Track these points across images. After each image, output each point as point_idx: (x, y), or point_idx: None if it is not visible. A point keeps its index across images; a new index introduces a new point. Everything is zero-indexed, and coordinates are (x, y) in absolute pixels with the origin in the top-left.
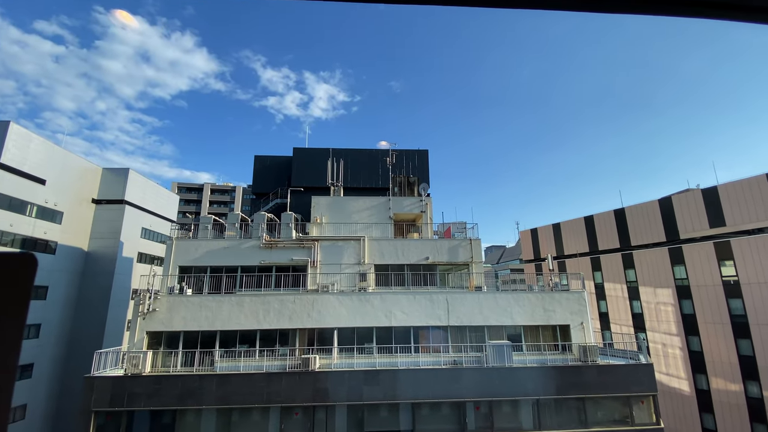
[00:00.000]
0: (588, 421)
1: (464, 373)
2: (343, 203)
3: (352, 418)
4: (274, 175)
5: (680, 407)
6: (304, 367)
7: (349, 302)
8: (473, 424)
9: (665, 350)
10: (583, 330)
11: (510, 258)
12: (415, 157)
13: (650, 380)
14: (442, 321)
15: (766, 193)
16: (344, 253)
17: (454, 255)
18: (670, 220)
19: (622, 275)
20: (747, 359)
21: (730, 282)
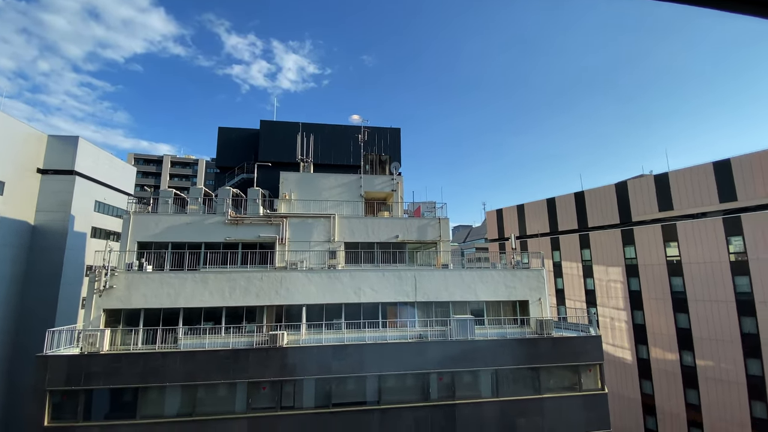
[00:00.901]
0: (541, 388)
1: (429, 347)
2: (313, 180)
3: (320, 391)
4: (240, 148)
5: (623, 374)
6: (272, 344)
7: (318, 279)
8: (436, 394)
9: (612, 323)
10: (540, 305)
11: (476, 237)
12: (387, 135)
13: (598, 350)
14: (410, 297)
15: (711, 181)
16: (314, 230)
17: (423, 234)
18: (624, 203)
19: (579, 254)
20: (683, 331)
21: (673, 261)
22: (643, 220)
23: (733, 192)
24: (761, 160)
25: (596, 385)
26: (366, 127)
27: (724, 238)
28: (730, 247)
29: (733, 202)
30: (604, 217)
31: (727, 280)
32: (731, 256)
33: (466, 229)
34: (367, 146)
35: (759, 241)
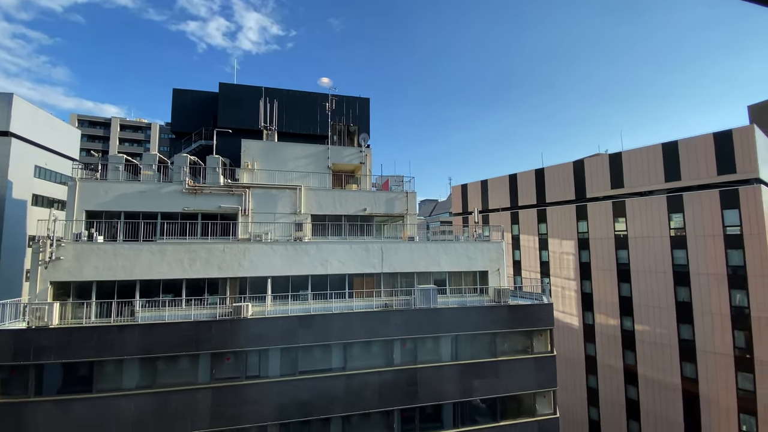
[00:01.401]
0: (497, 352)
1: (393, 315)
2: (277, 149)
3: (286, 359)
4: (197, 113)
5: (570, 338)
6: (236, 315)
7: (283, 251)
8: (399, 359)
9: (563, 292)
10: (499, 275)
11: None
12: (356, 105)
13: (549, 317)
14: (377, 268)
15: (659, 161)
16: (278, 202)
17: (390, 207)
18: (580, 180)
19: (536, 228)
20: (625, 299)
21: (621, 236)
22: (596, 196)
23: (677, 172)
24: (705, 143)
25: (546, 348)
26: (334, 96)
27: (666, 214)
28: (672, 223)
29: (677, 182)
30: (561, 193)
31: (666, 253)
32: (671, 232)
33: (432, 203)
34: (334, 116)
35: (697, 218)
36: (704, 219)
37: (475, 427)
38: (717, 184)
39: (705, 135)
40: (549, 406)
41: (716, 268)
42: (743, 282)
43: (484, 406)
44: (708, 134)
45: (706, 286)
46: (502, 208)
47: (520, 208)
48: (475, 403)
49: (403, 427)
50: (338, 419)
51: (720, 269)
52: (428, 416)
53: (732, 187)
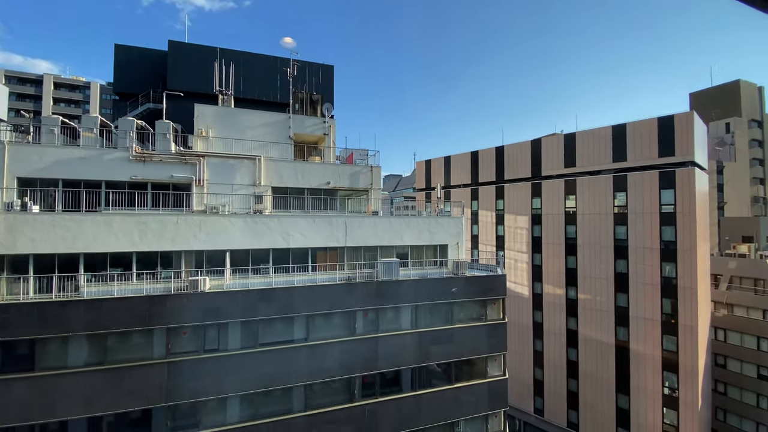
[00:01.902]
0: (453, 320)
1: (356, 287)
2: (234, 116)
3: (246, 333)
4: (144, 73)
5: (520, 306)
6: (193, 289)
7: (242, 224)
8: (362, 329)
9: (516, 264)
10: (458, 248)
11: (405, 186)
12: (320, 72)
13: (502, 287)
14: (340, 242)
15: (608, 142)
16: (236, 172)
17: (355, 181)
18: (536, 159)
19: (494, 204)
20: (571, 271)
21: (570, 212)
22: (550, 174)
23: (624, 153)
24: (649, 127)
25: (498, 315)
26: (296, 61)
27: (611, 193)
28: (616, 201)
29: (623, 162)
30: (519, 171)
31: (609, 228)
32: (615, 209)
33: (396, 178)
34: (296, 83)
35: (638, 196)
36: (644, 198)
37: (432, 390)
38: (657, 165)
39: (650, 119)
40: (499, 369)
41: (651, 242)
42: (673, 255)
43: (440, 370)
44: (653, 118)
45: (641, 259)
46: (464, 185)
47: (480, 185)
48: (432, 367)
49: (363, 392)
50: (300, 388)
51: (654, 244)
52: (388, 381)
53: (670, 168)
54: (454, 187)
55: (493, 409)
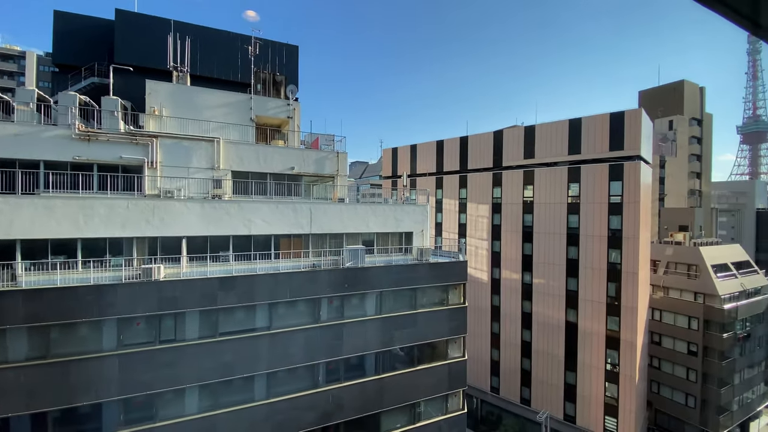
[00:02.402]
0: (417, 305)
1: (321, 275)
2: (190, 94)
3: (205, 322)
4: (88, 43)
5: (480, 291)
6: (146, 278)
7: (200, 210)
8: (326, 316)
9: (477, 251)
10: (422, 236)
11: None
12: (284, 52)
13: (464, 273)
14: (305, 229)
15: (564, 135)
16: (193, 154)
17: (320, 167)
18: (498, 149)
19: (457, 193)
20: (527, 257)
21: (528, 202)
22: (510, 165)
23: (579, 146)
24: (602, 122)
25: (459, 300)
26: (258, 39)
27: (566, 184)
28: (569, 191)
29: (578, 155)
30: (482, 161)
31: (563, 217)
32: (569, 199)
33: (363, 165)
34: (258, 62)
35: (589, 187)
36: (595, 189)
37: (395, 373)
38: (608, 158)
39: (603, 114)
40: (459, 350)
41: (599, 230)
42: (618, 243)
43: (403, 354)
44: (605, 114)
45: (590, 246)
46: (429, 173)
47: (445, 174)
48: (396, 351)
49: (327, 378)
50: (263, 376)
51: (602, 232)
52: (352, 366)
53: (618, 162)
54: (419, 176)
55: (453, 389)
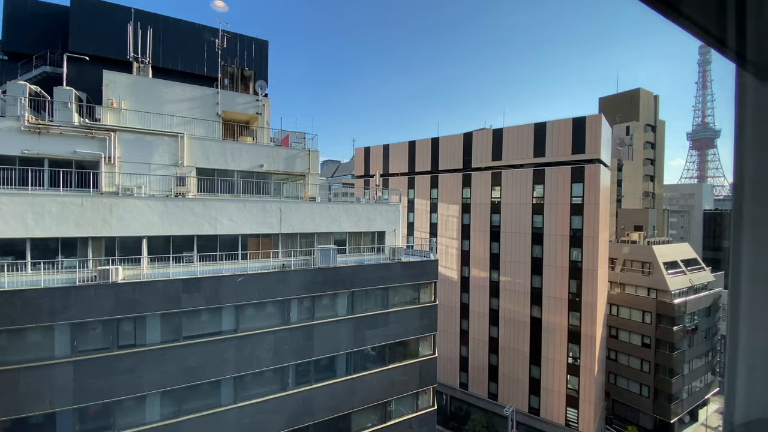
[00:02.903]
0: (389, 304)
1: (291, 275)
2: (153, 87)
3: (167, 326)
4: (40, 30)
5: (449, 289)
6: (103, 280)
7: (162, 208)
8: (296, 317)
9: (447, 250)
10: (395, 235)
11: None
12: (253, 47)
13: (435, 271)
14: (274, 229)
15: (530, 138)
16: (155, 150)
17: (291, 165)
18: (468, 151)
19: (429, 193)
20: (494, 256)
21: (495, 202)
22: (479, 166)
23: (543, 149)
24: (565, 126)
25: (430, 298)
26: (226, 32)
27: (531, 185)
28: (534, 192)
29: (542, 158)
30: (452, 162)
31: (528, 217)
32: (534, 200)
33: (335, 164)
34: (226, 56)
35: (553, 189)
36: (558, 190)
37: (366, 373)
38: (570, 161)
39: (566, 119)
40: (429, 348)
41: (562, 230)
42: (579, 242)
43: (375, 353)
44: (569, 119)
45: (553, 245)
46: (401, 173)
47: (417, 174)
48: (367, 351)
49: (297, 380)
50: (230, 380)
51: (564, 231)
52: (323, 367)
53: (580, 165)
54: (392, 175)
55: (423, 387)
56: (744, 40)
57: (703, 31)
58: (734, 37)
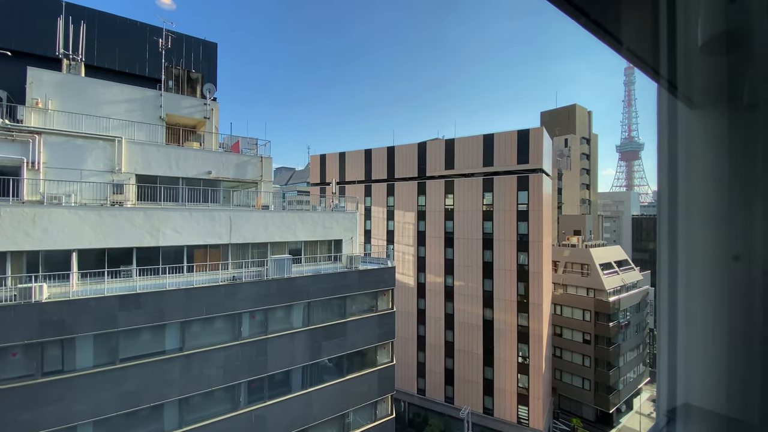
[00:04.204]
0: (346, 313)
1: (242, 288)
2: (86, 87)
3: (102, 348)
4: None
5: (407, 295)
6: (24, 299)
7: (96, 218)
8: (248, 332)
9: (404, 257)
10: (352, 243)
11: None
12: (200, 48)
13: (392, 278)
14: (224, 239)
15: (480, 149)
16: (87, 155)
17: (242, 172)
18: (422, 160)
19: (385, 201)
20: (449, 261)
21: (449, 209)
22: (433, 175)
23: (492, 159)
24: (511, 137)
25: (388, 305)
26: (171, 32)
27: (481, 193)
28: (484, 200)
29: (491, 167)
30: (407, 170)
31: (479, 224)
32: (484, 207)
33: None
34: (171, 57)
35: (501, 197)
36: (505, 198)
37: (323, 386)
38: (516, 170)
39: (512, 131)
40: (387, 356)
41: (510, 235)
42: (526, 246)
43: (332, 365)
44: (514, 131)
45: (503, 250)
46: (358, 181)
47: (374, 182)
48: (324, 363)
49: (250, 398)
50: (174, 403)
51: (512, 236)
52: (278, 383)
53: (525, 174)
54: (348, 183)
55: (382, 395)
56: (675, 72)
57: (640, 61)
58: (666, 68)
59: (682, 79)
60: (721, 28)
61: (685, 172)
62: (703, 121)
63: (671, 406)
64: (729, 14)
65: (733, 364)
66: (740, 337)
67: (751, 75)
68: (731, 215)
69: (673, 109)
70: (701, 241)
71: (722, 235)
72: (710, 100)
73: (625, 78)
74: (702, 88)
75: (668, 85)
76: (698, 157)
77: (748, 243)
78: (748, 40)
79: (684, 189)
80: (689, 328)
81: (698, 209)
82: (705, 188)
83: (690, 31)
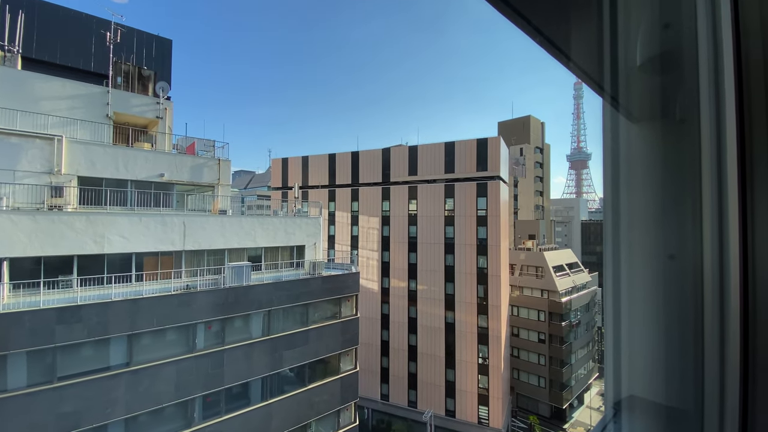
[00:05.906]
0: (309, 321)
1: (197, 297)
2: (21, 80)
3: (36, 366)
4: None
5: (370, 300)
6: None
7: (31, 223)
8: (203, 343)
9: (368, 262)
10: (315, 249)
11: (259, 184)
12: (153, 45)
13: (356, 284)
14: (177, 246)
15: (441, 156)
16: (22, 155)
17: (198, 175)
18: (386, 166)
19: (349, 206)
20: (412, 266)
21: (412, 214)
22: (397, 180)
23: (453, 166)
24: (471, 146)
25: (352, 312)
26: (120, 26)
27: (443, 199)
28: (446, 206)
29: (452, 174)
30: (371, 176)
31: (441, 229)
32: (446, 212)
33: (249, 175)
34: (120, 52)
35: (461, 202)
36: (466, 203)
37: (284, 396)
38: (475, 177)
39: (471, 140)
40: (351, 363)
41: (470, 240)
42: (485, 250)
43: (293, 374)
44: (473, 139)
45: (463, 254)
46: (322, 186)
47: (338, 187)
48: (285, 373)
49: (205, 413)
50: (120, 423)
51: (472, 241)
52: (235, 396)
53: (483, 181)
54: (312, 188)
55: (345, 403)
56: (617, 88)
57: (587, 77)
58: (609, 83)
59: (623, 94)
60: (656, 50)
61: (627, 180)
62: (642, 133)
63: (617, 398)
64: (663, 39)
65: (669, 356)
66: (676, 330)
67: (681, 93)
68: (666, 218)
69: (615, 123)
70: (641, 242)
71: (659, 236)
72: (648, 114)
73: (575, 92)
74: (640, 103)
75: (611, 100)
76: (638, 167)
77: (681, 243)
78: (678, 62)
79: (626, 195)
80: (631, 324)
81: (638, 214)
82: (644, 194)
83: (630, 52)
